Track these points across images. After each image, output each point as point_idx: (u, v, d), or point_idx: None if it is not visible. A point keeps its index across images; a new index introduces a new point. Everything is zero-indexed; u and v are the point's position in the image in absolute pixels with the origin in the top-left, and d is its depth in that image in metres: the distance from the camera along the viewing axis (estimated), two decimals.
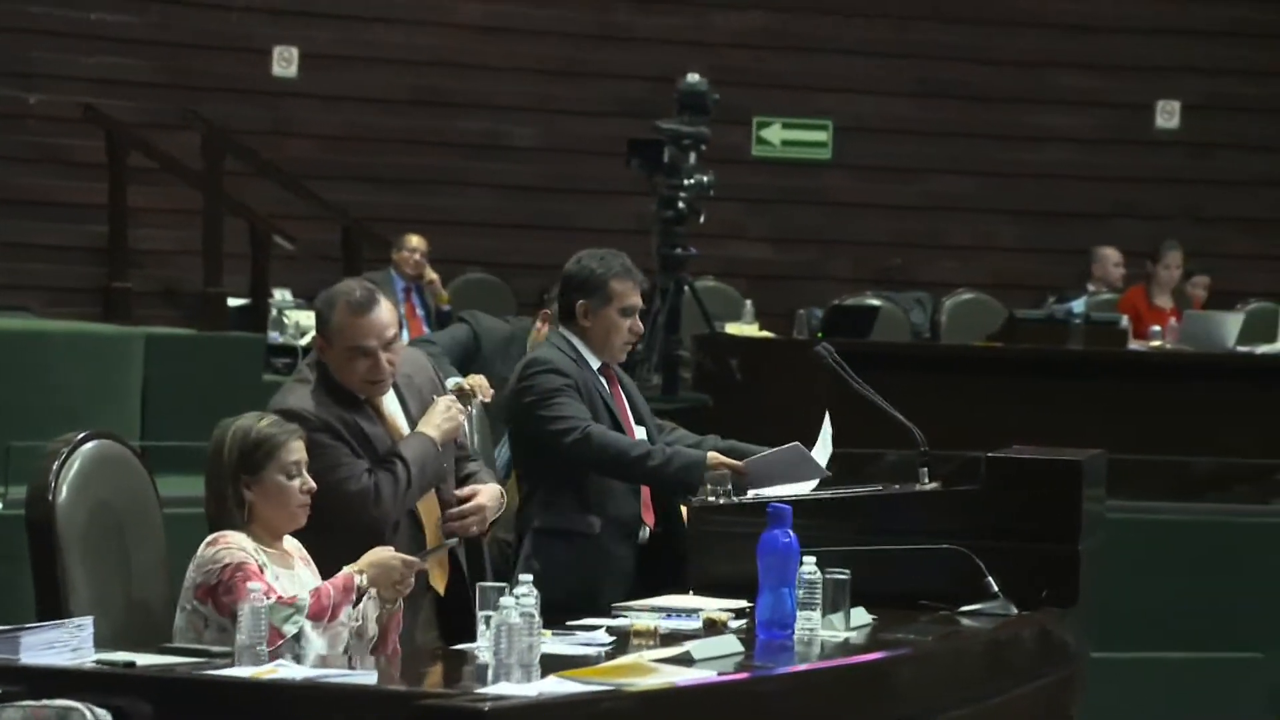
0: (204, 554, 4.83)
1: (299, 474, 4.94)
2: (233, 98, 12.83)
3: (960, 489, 5.66)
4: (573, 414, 5.87)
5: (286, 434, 4.96)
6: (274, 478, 4.91)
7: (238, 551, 4.81)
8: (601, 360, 6.06)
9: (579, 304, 6.04)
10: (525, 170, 13.51)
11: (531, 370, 5.96)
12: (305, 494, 4.94)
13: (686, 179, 10.81)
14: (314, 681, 4.25)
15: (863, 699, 4.70)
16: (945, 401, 9.76)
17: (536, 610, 4.30)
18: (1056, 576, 5.50)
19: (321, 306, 5.42)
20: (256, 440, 4.92)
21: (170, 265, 12.47)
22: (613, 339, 6.03)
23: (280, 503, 4.92)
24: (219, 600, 4.75)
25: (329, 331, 5.37)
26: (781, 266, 13.81)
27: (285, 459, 4.92)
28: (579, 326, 6.04)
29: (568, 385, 5.91)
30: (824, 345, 6.13)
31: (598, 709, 4.03)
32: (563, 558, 5.83)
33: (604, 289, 6.01)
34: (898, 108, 14.01)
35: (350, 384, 5.38)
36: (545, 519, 5.93)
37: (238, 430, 4.94)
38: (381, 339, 5.35)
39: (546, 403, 5.89)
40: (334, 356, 5.38)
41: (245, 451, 4.91)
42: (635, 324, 6.07)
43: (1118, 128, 14.26)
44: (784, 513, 5.02)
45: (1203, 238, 13.71)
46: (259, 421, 4.98)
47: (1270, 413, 10.54)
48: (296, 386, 5.41)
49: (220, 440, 4.94)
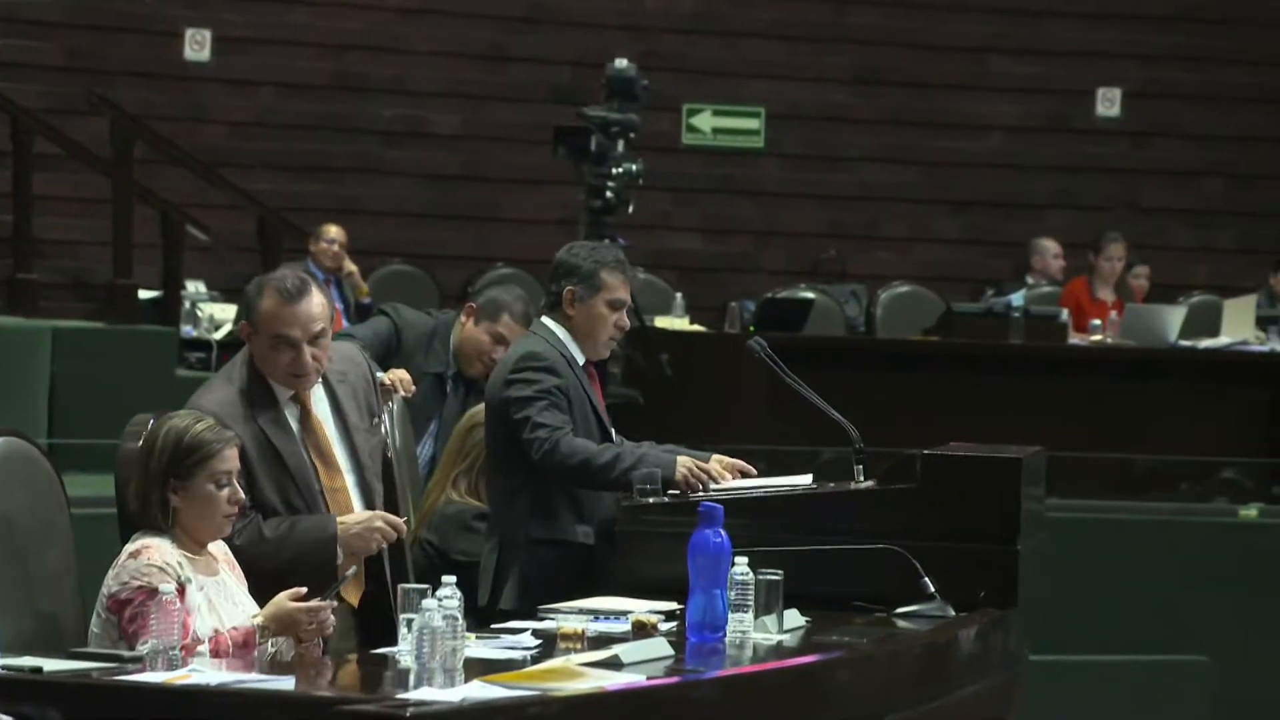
0: (125, 564, 4.77)
1: (229, 484, 4.92)
2: (143, 82, 12.74)
3: (896, 487, 5.59)
4: (549, 422, 5.82)
5: (222, 442, 4.90)
6: (203, 486, 4.87)
7: (158, 573, 4.73)
8: (585, 355, 6.01)
9: (567, 290, 6.00)
10: (448, 159, 13.50)
11: (526, 364, 5.89)
12: (232, 505, 4.89)
13: (615, 168, 10.73)
14: (229, 688, 4.21)
15: (796, 703, 4.63)
16: (881, 397, 9.78)
17: (459, 613, 4.24)
18: (995, 577, 5.48)
19: (251, 291, 5.36)
20: (190, 445, 4.86)
21: (78, 256, 12.37)
22: (598, 331, 6.01)
23: (206, 512, 4.88)
24: (124, 624, 4.72)
25: (255, 318, 5.31)
26: (713, 258, 13.85)
27: (217, 468, 4.90)
28: (564, 315, 6.00)
29: (556, 388, 5.86)
30: (756, 340, 6.11)
31: (524, 714, 3.98)
32: (557, 569, 5.80)
33: (594, 278, 5.99)
34: (832, 94, 14.03)
35: (273, 375, 5.30)
36: (537, 530, 5.88)
37: (171, 431, 4.87)
38: (307, 331, 5.25)
39: (528, 405, 5.84)
40: (258, 345, 5.32)
41: (177, 456, 4.86)
42: (622, 319, 6.04)
43: (1058, 116, 14.23)
44: (715, 512, 4.99)
45: (1143, 229, 13.75)
46: (196, 424, 4.89)
47: (1213, 409, 10.62)
48: (218, 384, 5.33)
49: (153, 438, 4.87)
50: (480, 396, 7.06)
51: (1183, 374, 10.71)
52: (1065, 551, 8.70)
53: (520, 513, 5.89)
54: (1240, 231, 14.33)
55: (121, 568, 4.76)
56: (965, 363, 10.50)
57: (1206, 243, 14.27)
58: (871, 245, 13.95)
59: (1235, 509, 10.10)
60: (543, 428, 5.80)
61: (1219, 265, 14.10)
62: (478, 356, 7.15)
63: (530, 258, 12.66)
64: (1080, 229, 13.32)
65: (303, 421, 5.34)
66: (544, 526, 5.88)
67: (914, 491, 5.52)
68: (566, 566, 5.79)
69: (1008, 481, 5.52)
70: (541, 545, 5.86)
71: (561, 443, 5.78)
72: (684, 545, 4.96)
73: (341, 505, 5.35)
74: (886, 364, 10.54)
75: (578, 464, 5.78)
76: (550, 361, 5.90)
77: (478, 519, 6.29)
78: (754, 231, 13.94)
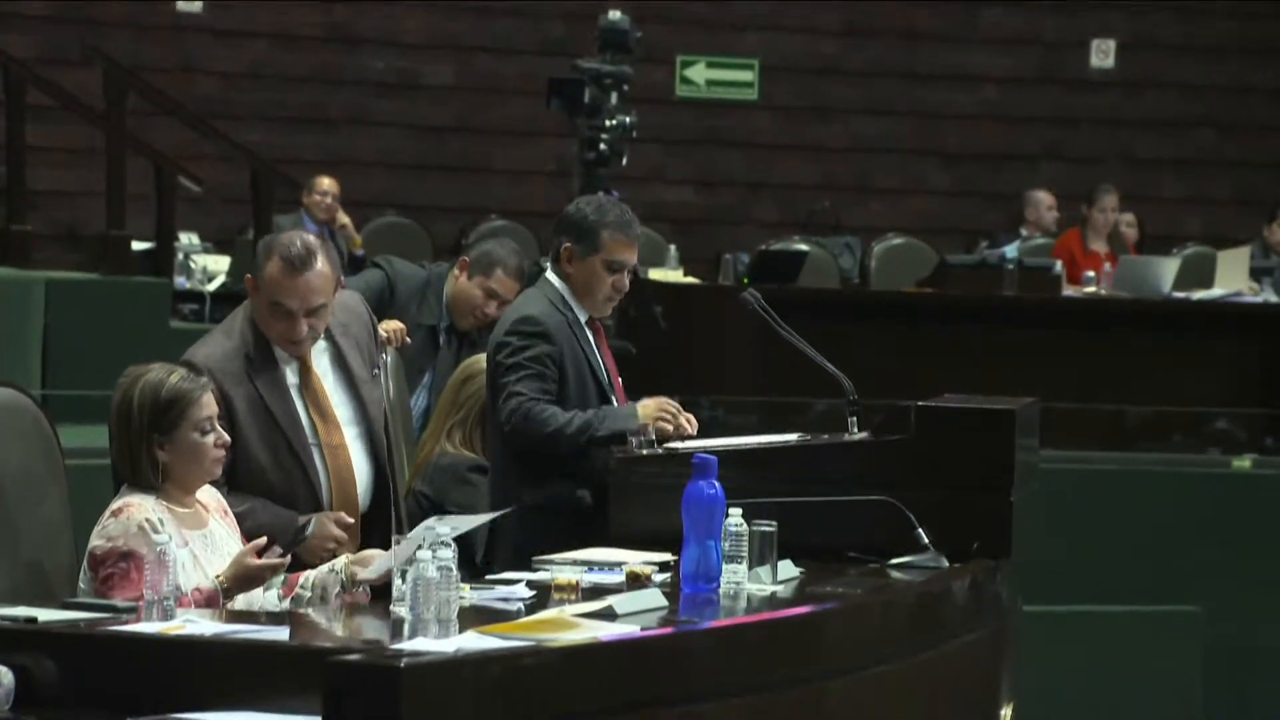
0: (106, 523, 4.75)
1: (212, 429, 4.85)
2: (136, 33, 12.70)
3: (890, 439, 5.56)
4: (524, 391, 5.76)
5: (199, 389, 4.86)
6: (188, 436, 4.82)
7: (135, 531, 4.69)
8: (587, 312, 5.93)
9: (564, 247, 5.93)
10: (441, 111, 13.46)
11: (517, 329, 5.84)
12: (220, 448, 4.87)
13: (608, 120, 10.65)
14: (223, 638, 4.17)
15: (790, 654, 4.59)
16: (875, 349, 9.74)
17: (454, 564, 4.20)
18: (989, 528, 5.44)
19: (260, 249, 5.34)
20: (169, 399, 4.81)
21: (71, 207, 12.36)
22: (595, 291, 5.92)
23: (195, 462, 4.85)
24: (97, 581, 4.70)
25: (258, 278, 5.29)
26: (706, 210, 13.81)
27: (198, 416, 4.83)
28: (563, 271, 5.93)
29: (546, 355, 5.79)
30: (750, 292, 6.06)
31: (518, 665, 3.90)
32: (555, 534, 5.67)
33: (594, 237, 5.91)
34: (825, 47, 13.97)
35: (269, 335, 5.28)
36: (534, 495, 5.82)
37: (146, 387, 4.82)
38: (305, 303, 5.22)
39: (515, 369, 5.78)
40: (258, 303, 5.31)
41: (157, 411, 4.81)
42: (620, 280, 5.94)
43: (1051, 68, 14.13)
44: (709, 463, 4.94)
45: (1136, 181, 13.70)
46: (169, 376, 4.84)
47: (1206, 360, 10.59)
48: (216, 339, 5.31)
49: (128, 399, 4.82)
50: (473, 349, 7.06)
51: (1176, 325, 10.66)
52: (1058, 502, 8.72)
53: (518, 476, 5.84)
54: (1234, 183, 14.31)
55: (103, 525, 4.74)
56: (959, 315, 10.46)
57: (1200, 194, 14.24)
58: (864, 197, 13.92)
59: (1228, 460, 10.10)
60: (515, 397, 5.74)
61: (1212, 216, 14.07)
62: (470, 311, 7.14)
63: (523, 210, 12.65)
64: (1073, 181, 13.28)
65: (302, 377, 5.32)
66: (539, 492, 5.83)
67: (908, 443, 5.48)
68: (566, 531, 5.68)
69: (1002, 432, 5.47)
70: (536, 510, 5.78)
71: (531, 412, 5.73)
72: (678, 497, 4.92)
73: (340, 463, 5.32)
74: (880, 316, 10.50)
75: (548, 434, 5.73)
76: (545, 327, 5.82)
77: (472, 470, 6.28)
78: (747, 183, 13.90)
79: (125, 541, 4.69)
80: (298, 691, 3.85)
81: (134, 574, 4.64)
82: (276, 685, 3.93)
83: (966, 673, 5.41)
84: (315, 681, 3.71)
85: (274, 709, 3.87)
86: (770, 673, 4.48)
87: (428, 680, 3.71)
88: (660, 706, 4.15)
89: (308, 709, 3.78)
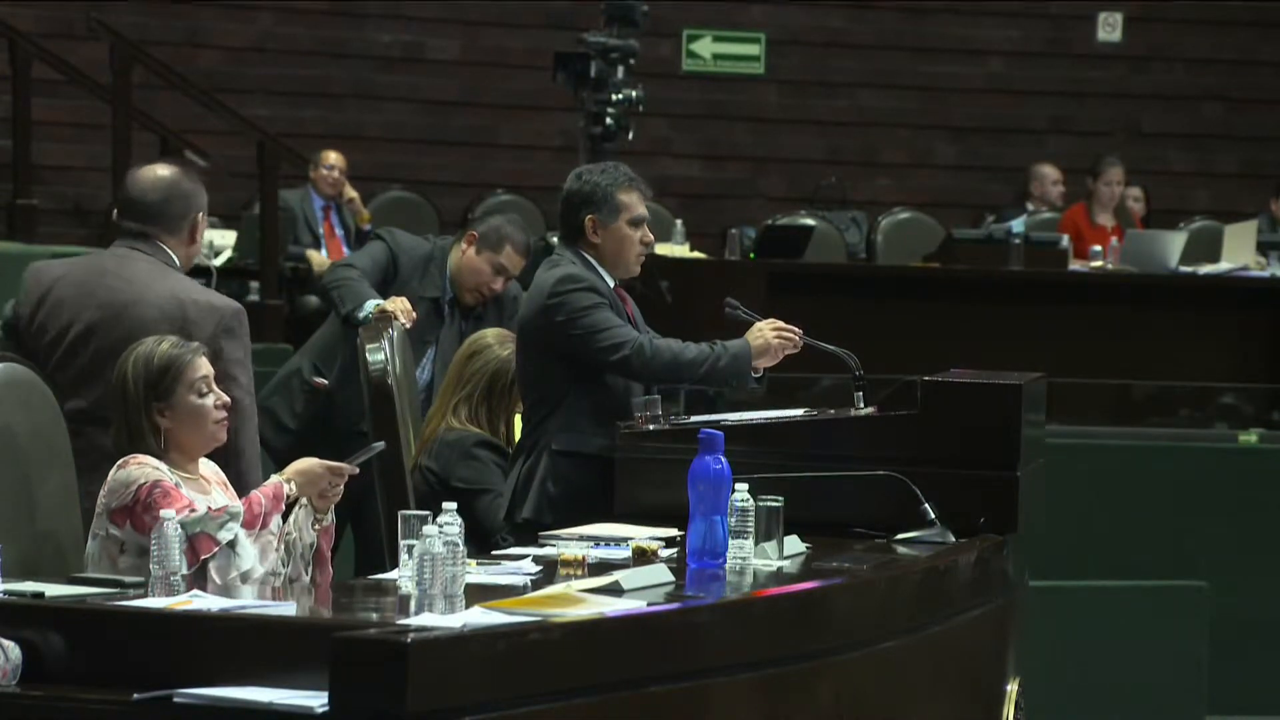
0: (116, 477, 4.76)
1: (210, 390, 4.89)
2: (141, 7, 12.68)
3: (896, 414, 5.57)
4: (616, 327, 5.79)
5: (191, 352, 4.89)
6: (186, 398, 4.85)
7: (151, 470, 4.74)
8: (615, 277, 5.95)
9: (587, 219, 5.92)
10: (447, 85, 13.43)
11: (565, 288, 5.83)
12: (220, 409, 4.89)
13: (614, 94, 10.67)
14: (230, 613, 4.16)
15: (796, 629, 4.60)
16: (881, 323, 9.73)
17: (460, 539, 4.21)
18: (995, 503, 5.45)
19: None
20: (162, 365, 4.85)
21: (78, 181, 12.36)
22: (626, 252, 5.94)
23: (197, 424, 4.87)
24: (138, 519, 4.68)
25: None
26: (712, 184, 13.80)
27: (193, 377, 4.86)
28: (589, 244, 5.93)
29: (603, 302, 5.82)
30: (729, 300, 6.05)
31: (524, 640, 3.91)
32: (581, 481, 5.76)
33: (611, 200, 5.92)
34: (832, 20, 13.95)
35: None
36: (562, 441, 5.82)
37: (138, 358, 4.87)
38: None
39: (586, 318, 5.80)
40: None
41: (151, 379, 4.84)
42: (645, 234, 5.98)
43: (1058, 41, 14.11)
44: (716, 439, 4.93)
45: (1143, 154, 13.68)
46: (159, 345, 4.89)
47: (1213, 335, 10.57)
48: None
49: (123, 373, 4.86)
50: (478, 323, 7.04)
51: (1183, 300, 10.66)
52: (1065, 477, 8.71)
53: (550, 428, 5.84)
54: (1241, 156, 14.28)
55: (114, 481, 4.74)
56: (966, 289, 10.47)
57: (1207, 168, 14.21)
58: (871, 171, 13.89)
59: (1235, 434, 10.09)
60: (613, 330, 5.76)
61: (1219, 190, 14.05)
62: (476, 285, 7.11)
63: (529, 184, 12.63)
64: (1080, 155, 13.26)
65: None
66: (568, 438, 5.82)
67: (914, 418, 5.49)
68: (593, 478, 5.72)
69: (1008, 407, 5.48)
70: (563, 456, 5.80)
71: (644, 343, 5.76)
72: (684, 472, 4.91)
73: None
74: (887, 290, 10.51)
75: (666, 361, 5.76)
76: (590, 281, 5.85)
77: (478, 445, 6.28)
78: (754, 158, 13.87)
79: (146, 476, 4.72)
80: (305, 667, 3.85)
81: (172, 492, 4.68)
82: (284, 661, 3.93)
83: (972, 648, 5.42)
84: (323, 656, 3.72)
85: (281, 684, 3.86)
86: (776, 648, 4.48)
87: (435, 655, 3.72)
88: (666, 682, 4.15)
89: (315, 684, 3.78)
